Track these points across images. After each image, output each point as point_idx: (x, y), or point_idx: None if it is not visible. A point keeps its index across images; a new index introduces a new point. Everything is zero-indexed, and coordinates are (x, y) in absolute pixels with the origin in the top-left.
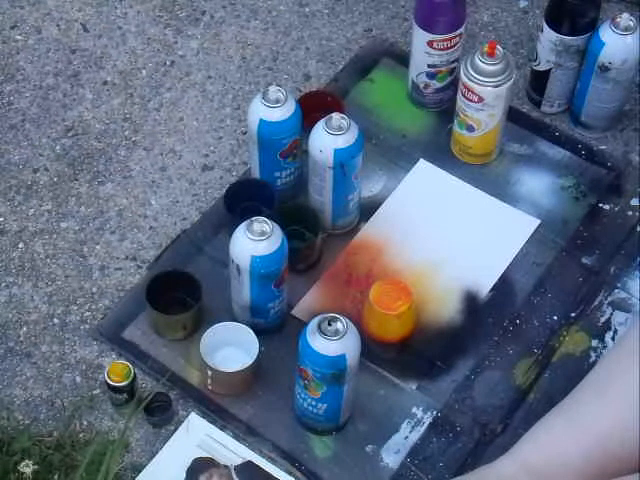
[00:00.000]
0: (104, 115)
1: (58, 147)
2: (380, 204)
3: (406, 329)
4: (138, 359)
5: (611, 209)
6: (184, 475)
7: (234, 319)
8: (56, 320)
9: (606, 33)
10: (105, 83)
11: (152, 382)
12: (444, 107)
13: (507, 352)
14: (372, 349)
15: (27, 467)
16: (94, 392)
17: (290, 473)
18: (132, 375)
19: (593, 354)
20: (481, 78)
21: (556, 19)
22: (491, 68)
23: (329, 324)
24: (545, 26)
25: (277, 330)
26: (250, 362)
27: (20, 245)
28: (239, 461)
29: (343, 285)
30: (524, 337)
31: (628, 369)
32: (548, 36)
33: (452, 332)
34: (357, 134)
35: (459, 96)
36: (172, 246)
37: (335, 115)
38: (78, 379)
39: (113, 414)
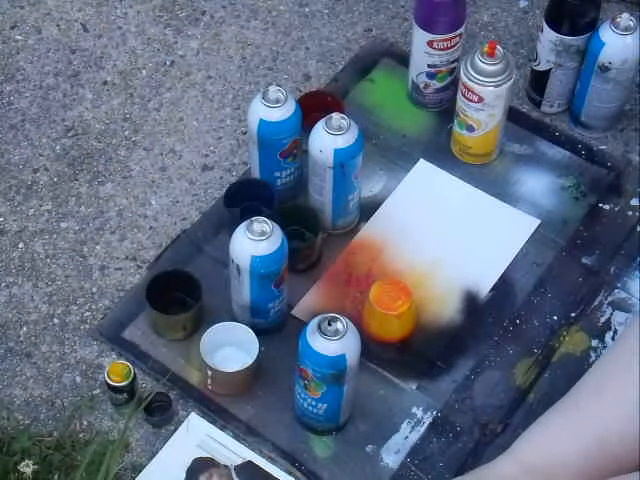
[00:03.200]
0: (104, 115)
1: (58, 147)
2: (380, 204)
3: (406, 329)
4: (138, 359)
5: (611, 209)
6: (184, 475)
7: (234, 319)
8: (56, 320)
9: (606, 33)
10: (105, 83)
11: (152, 382)
12: (444, 107)
13: (507, 352)
14: (372, 349)
15: (27, 467)
16: (94, 392)
17: (290, 473)
18: (132, 375)
19: (593, 354)
20: (481, 78)
21: (556, 19)
22: (491, 68)
23: (329, 324)
24: (545, 26)
25: (277, 330)
26: (250, 362)
27: (20, 245)
28: (239, 461)
29: (343, 285)
30: (524, 337)
31: (627, 367)
32: (548, 36)
33: (452, 332)
34: (357, 134)
35: (459, 96)
36: (172, 246)
37: (335, 115)
38: (78, 379)
39: (113, 414)
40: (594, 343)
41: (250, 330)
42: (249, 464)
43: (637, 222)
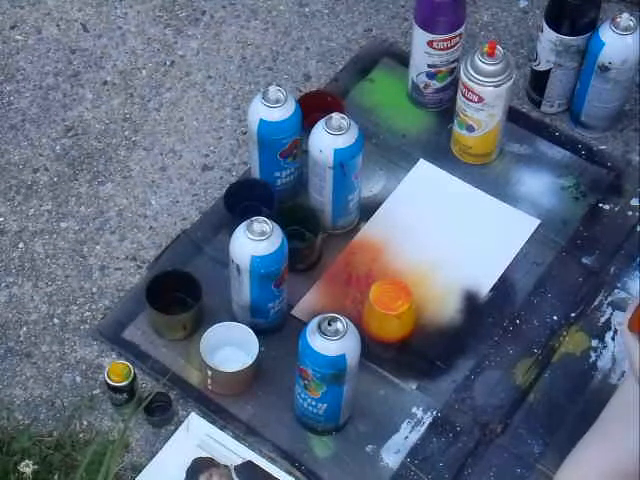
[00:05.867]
0: (104, 115)
1: (58, 147)
2: (380, 204)
3: (406, 329)
4: (138, 359)
5: (611, 209)
6: (184, 475)
7: (234, 319)
8: (56, 320)
9: (606, 33)
10: (105, 83)
11: (152, 382)
12: (444, 107)
13: (507, 352)
14: (372, 349)
15: (27, 467)
16: (94, 392)
17: (290, 473)
18: (132, 375)
19: (593, 354)
20: (481, 78)
21: (556, 19)
22: (491, 68)
23: (329, 324)
24: (545, 26)
25: (277, 330)
26: (250, 362)
27: (20, 245)
28: (239, 461)
29: (343, 285)
30: (524, 337)
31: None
32: (548, 36)
33: (452, 332)
34: (357, 134)
35: (459, 96)
36: (172, 246)
37: (335, 115)
38: (78, 379)
39: (113, 414)
40: (594, 343)
41: (250, 330)
42: (249, 464)
43: (637, 222)
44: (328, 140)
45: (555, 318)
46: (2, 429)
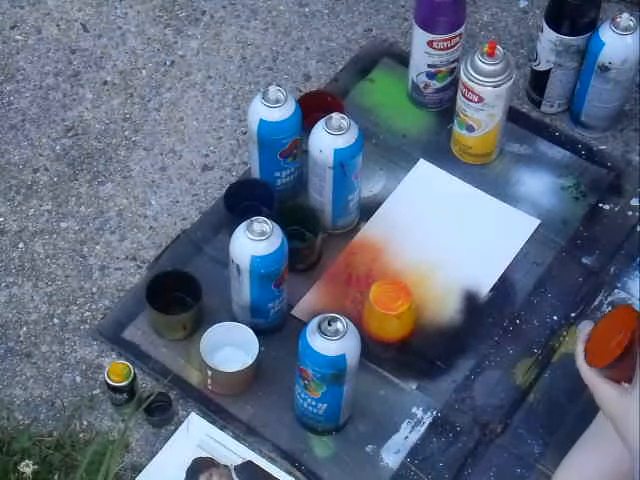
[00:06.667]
0: (104, 115)
1: (58, 147)
2: (380, 204)
3: (406, 329)
4: (138, 359)
5: (611, 209)
6: (184, 475)
7: (234, 319)
8: (56, 320)
9: (606, 33)
10: (105, 83)
11: (152, 382)
12: (444, 107)
13: (507, 352)
14: (372, 349)
15: (27, 467)
16: (94, 392)
17: (290, 473)
18: (132, 375)
19: None
20: (481, 78)
21: (556, 19)
22: (491, 68)
23: (329, 324)
24: (545, 26)
25: (277, 330)
26: (250, 362)
27: (20, 245)
28: (239, 461)
29: (343, 285)
30: (524, 337)
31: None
32: (548, 36)
33: (452, 332)
34: (357, 134)
35: (459, 96)
36: (172, 246)
37: (335, 115)
38: (78, 379)
39: (113, 414)
40: None
41: (250, 330)
42: (249, 464)
43: (637, 222)
44: (328, 140)
45: (555, 318)
46: (2, 429)
